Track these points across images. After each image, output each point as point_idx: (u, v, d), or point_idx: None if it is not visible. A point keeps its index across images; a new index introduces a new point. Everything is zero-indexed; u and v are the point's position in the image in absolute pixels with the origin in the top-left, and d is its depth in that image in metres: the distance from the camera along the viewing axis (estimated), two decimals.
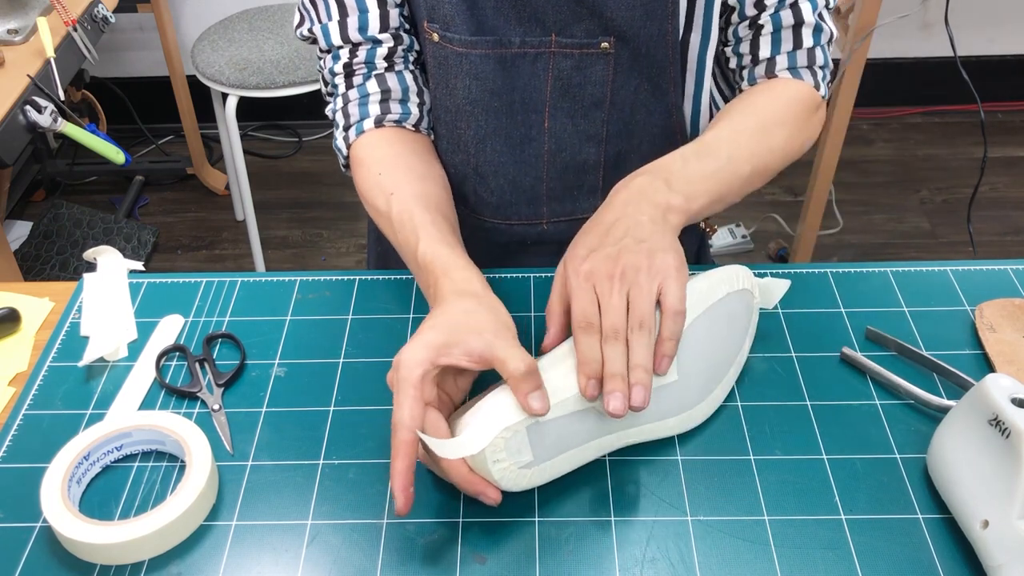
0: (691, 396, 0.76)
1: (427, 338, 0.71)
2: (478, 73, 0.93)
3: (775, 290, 0.84)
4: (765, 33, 0.93)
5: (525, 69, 0.93)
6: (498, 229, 1.04)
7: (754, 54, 0.95)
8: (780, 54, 0.94)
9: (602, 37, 0.91)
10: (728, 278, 0.80)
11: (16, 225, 2.52)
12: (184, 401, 0.83)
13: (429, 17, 0.92)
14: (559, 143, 0.98)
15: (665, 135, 0.99)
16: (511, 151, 0.98)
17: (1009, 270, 0.94)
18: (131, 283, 0.95)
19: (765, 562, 0.69)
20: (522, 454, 0.69)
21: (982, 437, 0.68)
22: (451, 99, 0.96)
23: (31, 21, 1.76)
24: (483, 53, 0.92)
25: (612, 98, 0.95)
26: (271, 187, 2.73)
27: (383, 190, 0.89)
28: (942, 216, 2.56)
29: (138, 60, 2.81)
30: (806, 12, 0.91)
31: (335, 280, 0.95)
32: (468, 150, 0.99)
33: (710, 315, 0.77)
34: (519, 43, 0.91)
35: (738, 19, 0.94)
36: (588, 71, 0.93)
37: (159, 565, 0.70)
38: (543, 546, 0.70)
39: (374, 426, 0.80)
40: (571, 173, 1.00)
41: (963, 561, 0.69)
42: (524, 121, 0.96)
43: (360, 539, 0.71)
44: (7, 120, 1.54)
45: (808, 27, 0.92)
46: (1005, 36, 2.81)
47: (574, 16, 0.90)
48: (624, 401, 0.68)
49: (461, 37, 0.91)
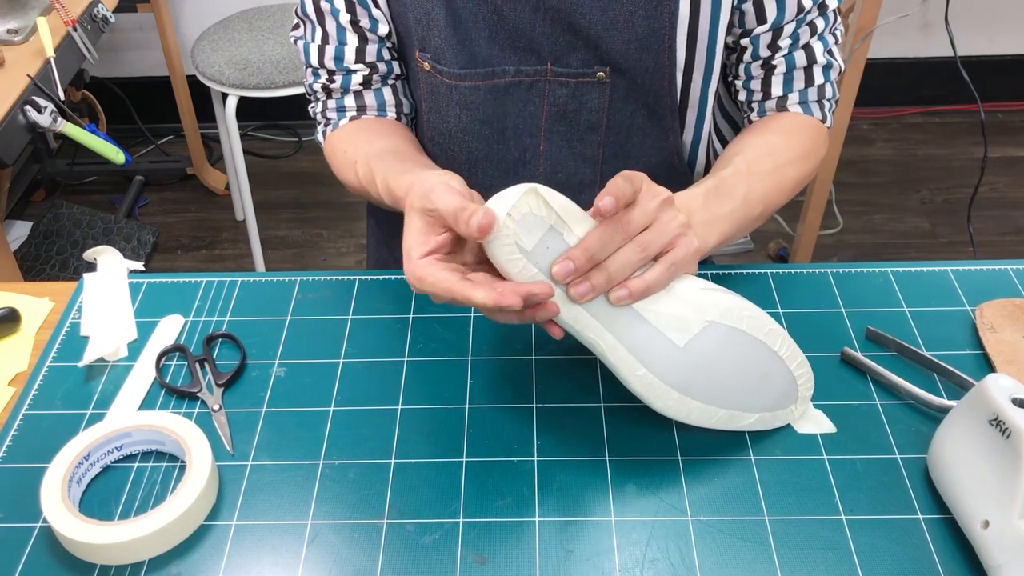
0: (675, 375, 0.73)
1: (410, 243, 0.72)
2: (468, 103, 0.94)
3: (819, 424, 0.79)
4: (778, 73, 0.95)
5: (519, 96, 0.94)
6: None
7: (766, 91, 0.96)
8: (792, 92, 0.96)
9: (598, 67, 0.91)
10: (794, 356, 0.77)
11: (16, 225, 2.51)
12: (184, 401, 0.83)
13: (420, 47, 0.93)
14: (554, 165, 0.98)
15: (662, 155, 0.99)
16: (503, 174, 1.00)
17: (1009, 270, 0.94)
18: (131, 283, 0.95)
19: (765, 562, 0.69)
20: (530, 237, 0.69)
21: (982, 437, 0.68)
22: (444, 124, 0.98)
23: (31, 21, 1.76)
24: (473, 85, 0.93)
25: (608, 123, 0.95)
26: (271, 187, 2.73)
27: (350, 163, 0.94)
28: (942, 216, 2.56)
29: (138, 60, 2.81)
30: (818, 52, 0.93)
31: (335, 280, 0.95)
32: (461, 172, 0.99)
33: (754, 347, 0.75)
34: (513, 72, 0.92)
35: (751, 59, 0.95)
36: (584, 98, 0.94)
37: (159, 565, 0.70)
38: (543, 546, 0.70)
39: (374, 426, 0.80)
40: (566, 192, 1.00)
41: (963, 561, 0.69)
42: (517, 146, 0.97)
43: (360, 539, 0.71)
44: (7, 120, 1.54)
45: (819, 66, 0.94)
46: (1005, 36, 2.81)
47: (569, 47, 0.91)
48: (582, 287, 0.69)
49: (451, 70, 0.92)
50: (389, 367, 0.85)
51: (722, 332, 0.73)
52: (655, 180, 1.02)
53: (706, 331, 0.73)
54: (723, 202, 0.83)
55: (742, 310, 0.74)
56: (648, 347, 0.73)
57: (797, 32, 0.92)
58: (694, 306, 0.73)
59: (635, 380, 0.74)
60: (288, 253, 2.52)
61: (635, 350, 0.73)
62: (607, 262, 0.70)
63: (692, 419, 0.76)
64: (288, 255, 2.51)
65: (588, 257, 0.69)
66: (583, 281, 0.69)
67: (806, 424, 0.79)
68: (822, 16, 0.92)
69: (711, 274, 0.94)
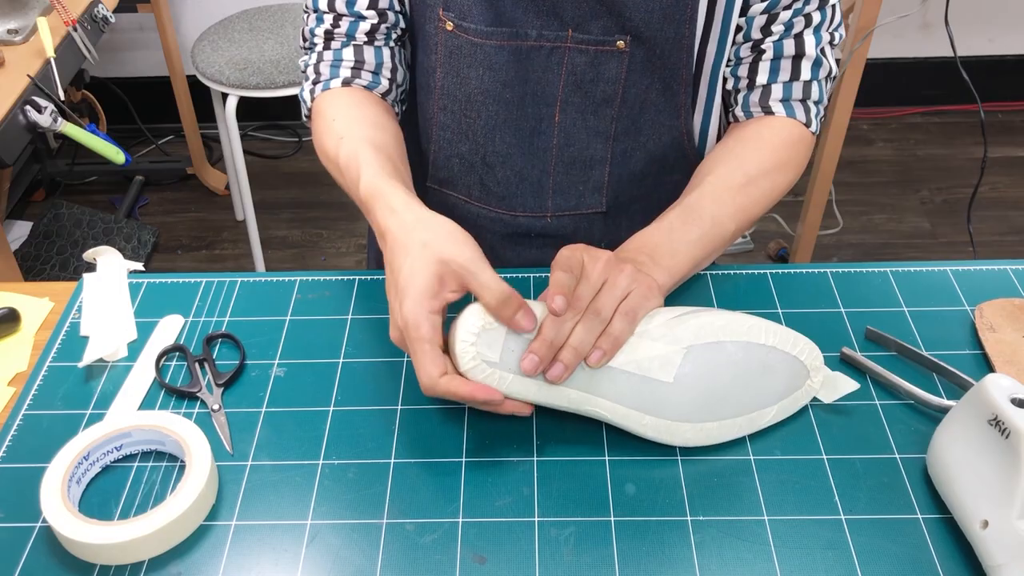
0: (678, 409, 0.75)
1: (419, 286, 0.72)
2: (492, 63, 0.94)
3: (841, 386, 0.79)
4: (765, 59, 0.94)
5: (539, 62, 0.94)
6: (502, 219, 1.04)
7: (751, 79, 0.95)
8: (776, 83, 0.94)
9: (619, 36, 0.91)
10: (786, 338, 0.78)
11: (16, 225, 2.52)
12: (184, 401, 0.83)
13: (445, 5, 0.92)
14: (568, 137, 0.98)
15: (672, 134, 0.99)
16: (520, 143, 0.99)
17: (1009, 270, 0.94)
18: (131, 283, 0.95)
19: (765, 562, 0.69)
20: (492, 350, 0.72)
21: (982, 437, 0.68)
22: (462, 88, 0.96)
23: (31, 21, 1.76)
24: (498, 44, 0.92)
25: (623, 96, 0.95)
26: (271, 187, 2.73)
27: (335, 134, 0.91)
28: (942, 216, 2.56)
29: (138, 60, 2.81)
30: (808, 45, 0.93)
31: (335, 280, 0.95)
32: (477, 139, 0.99)
33: (742, 351, 0.76)
34: (536, 36, 0.92)
35: (743, 39, 0.94)
36: (602, 68, 0.94)
37: (159, 565, 0.70)
38: (543, 546, 0.70)
39: (374, 426, 0.80)
40: (577, 168, 1.01)
41: (963, 561, 0.69)
42: (535, 114, 0.97)
43: (360, 539, 0.71)
44: (7, 120, 1.54)
45: (808, 60, 0.93)
46: (1005, 36, 2.81)
47: (592, 13, 0.91)
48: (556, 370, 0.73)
49: (477, 27, 0.92)
50: (389, 367, 0.85)
51: (704, 352, 0.75)
52: (664, 162, 1.02)
53: (688, 358, 0.74)
54: (689, 229, 0.85)
55: (714, 324, 0.76)
56: (642, 395, 0.75)
57: (792, 20, 0.91)
58: (668, 340, 0.75)
59: (645, 429, 0.76)
60: (288, 253, 2.52)
61: (632, 403, 0.75)
62: (570, 339, 0.73)
63: (717, 438, 0.77)
64: (288, 255, 2.51)
65: (548, 345, 0.73)
66: (554, 364, 0.73)
67: (829, 392, 0.80)
68: (820, 10, 0.92)
69: (711, 275, 0.94)
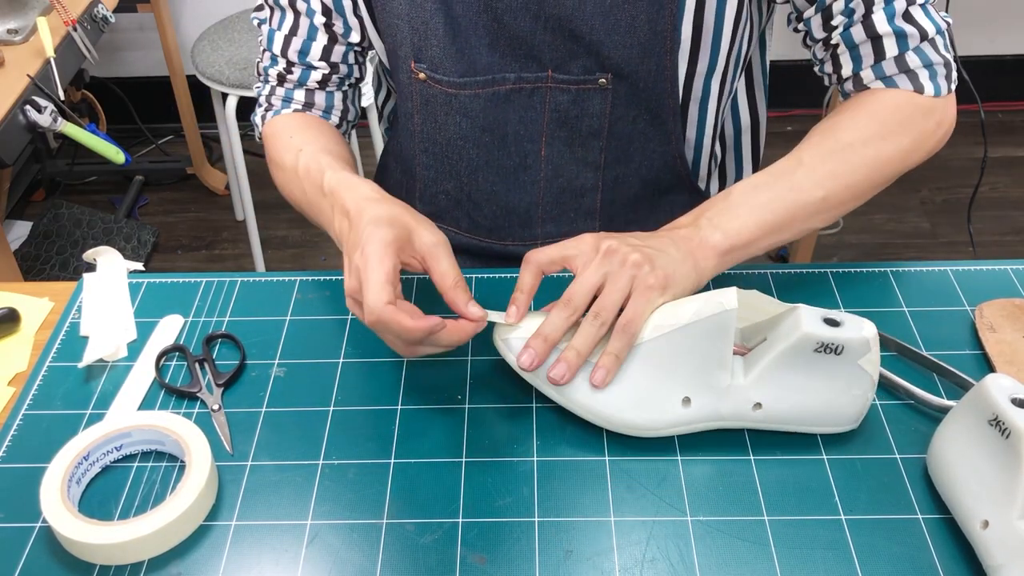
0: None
1: (382, 233, 0.72)
2: (468, 111, 0.93)
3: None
4: (842, 51, 0.89)
5: (520, 103, 0.93)
6: (492, 248, 1.05)
7: (838, 72, 0.91)
8: (863, 69, 0.89)
9: (599, 74, 0.90)
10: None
11: (16, 225, 2.51)
12: (184, 401, 0.83)
13: (416, 57, 0.92)
14: (556, 169, 0.98)
15: (664, 159, 0.99)
16: (504, 180, 0.99)
17: (1009, 270, 0.94)
18: (131, 283, 0.95)
19: (765, 562, 0.69)
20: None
21: (982, 437, 0.68)
22: (441, 133, 0.97)
23: (31, 21, 1.76)
24: (473, 93, 0.92)
25: (610, 129, 0.94)
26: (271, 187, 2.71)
27: (294, 147, 0.92)
28: (942, 216, 2.56)
29: (138, 60, 2.81)
30: (880, 25, 0.86)
31: (335, 280, 0.95)
32: (460, 178, 0.99)
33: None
34: (515, 79, 0.92)
35: (811, 42, 0.92)
36: (586, 104, 0.93)
37: (159, 565, 0.70)
38: (543, 546, 0.70)
39: (374, 426, 0.80)
40: (567, 196, 1.00)
41: (963, 561, 0.69)
42: (518, 151, 0.97)
43: (360, 539, 0.71)
44: (7, 120, 1.54)
45: (889, 37, 0.86)
46: (1005, 36, 2.81)
47: (571, 54, 0.90)
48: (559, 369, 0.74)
49: (450, 79, 0.91)
50: (389, 367, 0.85)
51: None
52: (658, 185, 1.02)
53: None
54: (759, 192, 0.82)
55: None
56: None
57: (849, 7, 0.86)
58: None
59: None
60: (288, 253, 2.52)
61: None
62: (573, 341, 0.74)
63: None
64: (288, 255, 2.51)
65: (543, 339, 0.74)
66: (558, 364, 0.74)
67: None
68: None
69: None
